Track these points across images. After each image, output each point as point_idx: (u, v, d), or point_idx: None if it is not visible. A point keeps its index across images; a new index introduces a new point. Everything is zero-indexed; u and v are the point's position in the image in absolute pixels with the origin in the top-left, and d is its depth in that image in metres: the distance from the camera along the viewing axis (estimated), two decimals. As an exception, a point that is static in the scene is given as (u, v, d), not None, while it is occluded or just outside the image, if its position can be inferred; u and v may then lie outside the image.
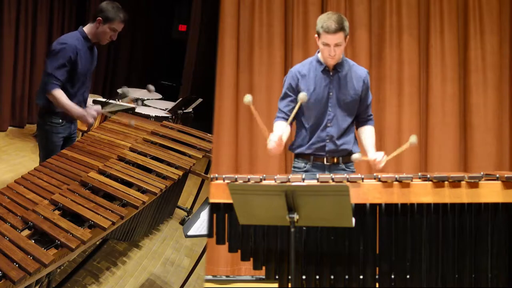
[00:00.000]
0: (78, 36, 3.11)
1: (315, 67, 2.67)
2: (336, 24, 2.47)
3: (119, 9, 3.11)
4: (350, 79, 2.65)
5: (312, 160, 2.70)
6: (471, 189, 2.18)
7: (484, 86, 3.63)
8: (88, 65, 3.18)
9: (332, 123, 2.65)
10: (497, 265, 2.19)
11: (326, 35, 2.49)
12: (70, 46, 3.00)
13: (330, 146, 2.66)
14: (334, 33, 2.47)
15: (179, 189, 4.06)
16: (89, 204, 2.41)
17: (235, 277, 3.63)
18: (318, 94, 2.64)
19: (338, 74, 2.65)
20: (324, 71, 2.65)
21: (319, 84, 2.65)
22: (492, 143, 3.62)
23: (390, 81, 3.68)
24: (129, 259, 3.47)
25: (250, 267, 2.38)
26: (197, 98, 5.30)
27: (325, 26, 2.48)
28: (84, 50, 3.10)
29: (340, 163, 2.68)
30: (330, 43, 2.50)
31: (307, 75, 2.67)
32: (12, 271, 1.80)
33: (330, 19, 2.48)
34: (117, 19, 3.09)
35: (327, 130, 2.66)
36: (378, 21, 3.69)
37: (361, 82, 2.68)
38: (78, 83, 3.13)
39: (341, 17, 2.51)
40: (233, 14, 3.66)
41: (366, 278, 2.24)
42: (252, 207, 1.96)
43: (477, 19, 3.62)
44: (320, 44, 2.55)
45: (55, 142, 3.16)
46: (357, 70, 2.70)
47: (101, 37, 3.14)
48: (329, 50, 2.53)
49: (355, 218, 2.12)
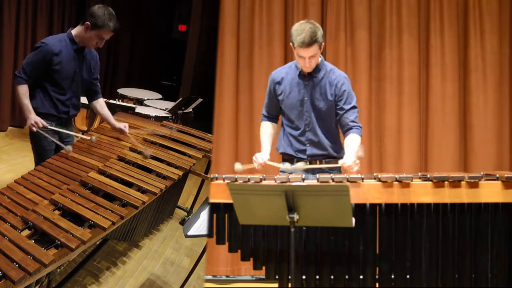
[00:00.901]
0: (63, 38, 3.02)
1: (293, 70, 2.70)
2: (309, 38, 2.45)
3: (111, 17, 2.93)
4: (324, 84, 2.64)
5: (296, 162, 2.70)
6: (471, 189, 2.18)
7: (484, 86, 3.63)
8: (73, 68, 3.06)
9: (309, 127, 2.67)
10: (497, 265, 2.19)
11: (300, 49, 2.49)
12: (47, 46, 2.93)
13: (311, 150, 2.69)
14: (307, 47, 2.47)
15: (179, 189, 4.06)
16: (89, 204, 2.41)
17: (235, 277, 3.63)
18: (293, 98, 2.67)
19: (313, 79, 2.65)
20: (300, 76, 2.67)
21: (294, 88, 2.67)
22: (492, 143, 3.62)
23: (390, 81, 3.68)
24: (129, 259, 3.47)
25: (250, 267, 2.38)
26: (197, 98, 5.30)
27: (299, 40, 2.46)
28: (67, 52, 3.00)
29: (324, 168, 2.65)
30: (305, 56, 2.51)
31: (285, 78, 2.70)
32: (12, 271, 1.80)
33: (303, 32, 2.45)
34: (105, 27, 2.92)
35: (306, 134, 2.68)
36: (378, 21, 3.69)
37: (333, 87, 2.62)
38: (63, 86, 3.04)
39: (314, 28, 2.47)
40: (233, 14, 3.66)
41: (366, 278, 2.24)
42: (252, 207, 1.96)
43: (477, 19, 3.61)
44: (296, 55, 2.55)
45: (45, 147, 3.06)
46: (333, 75, 2.65)
47: (87, 42, 3.03)
48: (304, 62, 2.54)
49: (355, 218, 2.12)
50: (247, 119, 3.68)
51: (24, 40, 5.88)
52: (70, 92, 3.10)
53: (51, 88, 3.02)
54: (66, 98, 3.09)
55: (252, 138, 3.67)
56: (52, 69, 2.96)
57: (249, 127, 3.67)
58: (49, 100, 3.04)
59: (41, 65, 2.94)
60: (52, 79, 3.00)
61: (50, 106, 3.04)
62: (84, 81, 3.21)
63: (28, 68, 2.95)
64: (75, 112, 3.23)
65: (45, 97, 3.03)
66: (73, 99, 3.15)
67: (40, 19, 6.02)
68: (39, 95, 3.02)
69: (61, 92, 3.06)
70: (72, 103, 3.16)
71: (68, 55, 3.01)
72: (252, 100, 3.67)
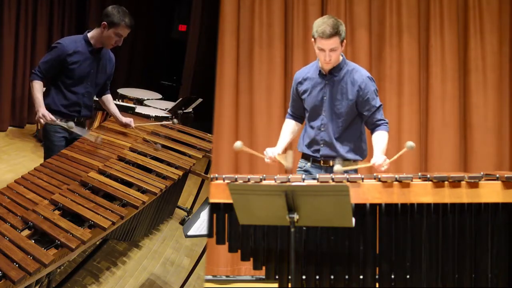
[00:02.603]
0: (78, 39, 3.14)
1: (315, 69, 2.69)
2: (331, 29, 2.44)
3: (125, 14, 3.09)
4: (345, 84, 2.61)
5: (312, 161, 2.73)
6: (471, 189, 2.18)
7: (484, 86, 3.62)
8: (88, 69, 3.16)
9: (324, 127, 2.67)
10: (497, 265, 2.19)
11: (321, 40, 2.47)
12: (62, 46, 3.06)
13: (324, 151, 2.68)
14: (328, 38, 2.45)
15: (179, 189, 4.06)
16: (89, 204, 2.41)
17: (235, 277, 3.63)
18: (313, 98, 2.67)
19: (333, 79, 2.63)
20: (320, 75, 2.66)
21: (315, 87, 2.67)
22: (492, 143, 3.62)
23: (390, 81, 3.68)
24: (129, 259, 3.47)
25: (250, 267, 2.38)
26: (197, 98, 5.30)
27: (320, 30, 2.45)
28: (83, 54, 3.11)
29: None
30: (325, 48, 2.49)
31: (306, 77, 2.69)
32: (12, 271, 1.80)
33: (325, 24, 2.46)
34: (122, 24, 3.07)
35: (321, 134, 2.68)
36: (378, 21, 3.69)
37: (356, 87, 2.59)
38: (76, 86, 3.14)
39: (337, 22, 2.48)
40: (233, 14, 3.66)
41: (366, 278, 2.24)
42: (252, 207, 1.96)
43: (477, 19, 3.61)
44: (316, 48, 2.54)
45: (54, 142, 3.15)
46: (355, 75, 2.62)
47: (105, 42, 3.15)
48: (324, 55, 2.52)
49: (355, 218, 2.12)
50: (247, 119, 3.68)
51: (24, 40, 5.88)
52: (82, 92, 3.20)
53: (64, 87, 3.13)
54: (78, 98, 3.18)
55: (252, 138, 3.67)
56: (67, 68, 3.07)
57: (249, 127, 3.67)
58: (62, 99, 3.14)
59: (55, 64, 3.06)
60: (65, 78, 3.11)
61: (61, 104, 3.14)
62: (98, 83, 3.31)
63: (43, 66, 3.07)
64: (87, 113, 3.30)
65: (57, 96, 3.13)
66: (84, 99, 3.24)
67: (40, 19, 6.02)
68: (52, 93, 3.14)
69: (73, 92, 3.16)
70: (84, 103, 3.24)
71: (83, 56, 3.12)
72: (252, 100, 3.67)
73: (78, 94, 3.18)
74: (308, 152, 2.74)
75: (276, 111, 3.63)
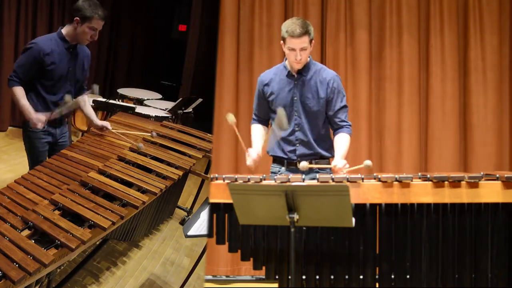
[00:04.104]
0: (53, 37, 2.99)
1: (281, 71, 2.70)
2: (301, 28, 2.47)
3: (97, 6, 2.92)
4: (314, 83, 2.63)
5: (286, 164, 2.72)
6: (471, 189, 2.18)
7: (484, 86, 3.63)
8: (66, 67, 3.02)
9: (299, 127, 2.66)
10: (497, 265, 2.19)
11: (291, 39, 2.50)
12: (37, 46, 2.90)
13: (301, 150, 2.68)
14: (299, 37, 2.48)
15: (179, 189, 4.06)
16: (89, 204, 2.41)
17: (235, 277, 3.63)
18: (282, 99, 2.67)
19: (302, 78, 2.65)
20: (289, 76, 2.67)
21: (283, 89, 2.67)
22: (492, 143, 3.62)
23: (390, 81, 3.68)
24: (129, 259, 3.47)
25: (250, 267, 2.39)
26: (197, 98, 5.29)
27: (290, 30, 2.48)
28: (59, 52, 2.97)
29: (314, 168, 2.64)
30: (296, 47, 2.51)
31: (273, 79, 2.70)
32: (12, 271, 1.80)
33: (294, 24, 2.49)
34: (95, 17, 2.90)
35: (296, 134, 2.68)
36: (378, 21, 3.69)
37: (325, 86, 2.62)
38: (56, 87, 3.02)
39: (306, 22, 2.53)
40: (233, 14, 3.66)
41: (366, 278, 2.24)
42: (252, 207, 1.96)
43: (477, 19, 3.62)
44: (286, 49, 2.56)
45: (38, 148, 3.04)
46: (324, 73, 2.65)
47: (80, 38, 2.99)
48: (295, 55, 2.53)
49: (355, 218, 2.12)
50: (247, 119, 3.66)
51: (24, 40, 5.86)
52: (62, 91, 3.06)
53: (43, 89, 2.99)
54: (58, 98, 3.04)
55: (252, 138, 3.66)
56: (45, 70, 2.93)
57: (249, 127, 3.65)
58: (42, 101, 3.00)
59: (33, 66, 2.91)
60: (44, 80, 2.97)
61: (43, 108, 3.00)
62: (77, 80, 3.17)
63: (20, 70, 2.92)
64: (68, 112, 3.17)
65: (37, 99, 2.99)
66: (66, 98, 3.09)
67: (40, 19, 6.02)
68: (31, 97, 2.99)
69: (53, 92, 3.02)
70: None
71: (60, 54, 2.98)
72: (252, 100, 3.64)
73: (58, 94, 3.03)
74: (281, 154, 2.72)
75: (276, 111, 3.63)
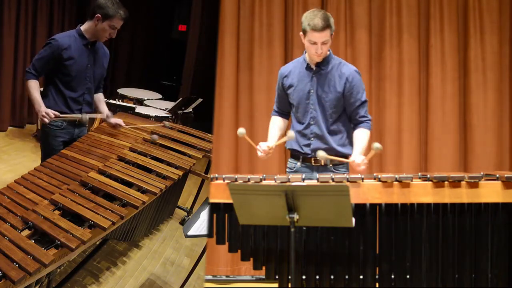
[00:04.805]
0: (72, 34, 3.05)
1: (301, 64, 2.70)
2: (323, 22, 2.46)
3: (119, 5, 3.00)
4: (332, 77, 2.62)
5: (302, 160, 2.71)
6: (471, 189, 2.18)
7: (484, 86, 3.62)
8: (85, 63, 3.08)
9: (314, 121, 2.66)
10: (497, 265, 2.19)
11: (314, 33, 2.48)
12: (56, 42, 2.97)
13: (316, 144, 2.66)
14: (321, 31, 2.47)
15: (179, 189, 4.06)
16: (89, 204, 2.41)
17: (235, 277, 3.63)
18: (300, 91, 2.67)
19: (320, 72, 2.64)
20: (307, 68, 2.66)
21: (301, 81, 2.67)
22: (492, 143, 3.62)
23: (390, 81, 3.67)
24: (129, 259, 3.47)
25: (250, 267, 2.38)
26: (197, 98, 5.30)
27: (312, 24, 2.47)
28: (77, 48, 3.02)
29: (328, 164, 2.65)
30: (317, 41, 2.50)
31: (292, 72, 2.70)
32: (12, 271, 1.80)
33: (316, 17, 2.48)
34: (117, 16, 2.97)
35: (311, 128, 2.67)
36: (378, 21, 3.69)
37: (344, 80, 2.60)
38: (74, 83, 3.06)
39: (327, 14, 2.51)
40: (233, 14, 3.66)
41: (366, 278, 2.24)
42: (252, 207, 1.96)
43: (477, 19, 3.61)
44: (307, 42, 2.55)
45: (53, 146, 3.08)
46: (343, 68, 2.64)
47: (99, 35, 3.05)
48: (316, 48, 2.52)
49: (355, 218, 2.12)
50: (247, 119, 3.67)
51: (24, 40, 5.88)
52: (82, 88, 3.11)
53: (62, 85, 3.04)
54: (78, 95, 3.10)
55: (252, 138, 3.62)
56: (63, 65, 2.99)
57: (249, 127, 3.67)
58: (62, 98, 3.06)
59: (50, 60, 2.98)
60: (63, 75, 3.02)
61: (63, 104, 3.06)
62: (96, 77, 3.22)
63: (37, 63, 2.99)
64: (88, 109, 3.21)
65: (57, 95, 3.05)
66: (85, 95, 3.16)
67: (40, 19, 6.02)
68: (51, 93, 3.05)
69: (73, 89, 3.07)
70: (85, 100, 3.16)
71: (78, 50, 3.03)
72: (252, 100, 3.67)
73: (78, 91, 3.09)
74: (297, 148, 2.71)
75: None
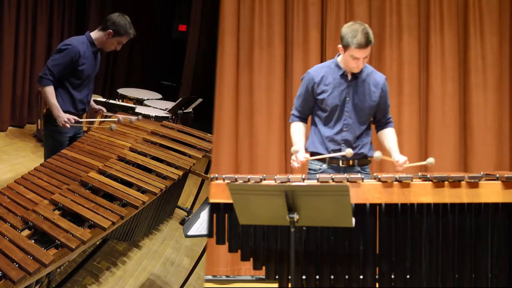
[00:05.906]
0: (84, 40, 3.20)
1: (333, 70, 2.67)
2: (366, 39, 2.46)
3: (131, 25, 3.22)
4: (367, 85, 2.65)
5: (328, 161, 2.69)
6: (471, 189, 2.18)
7: (484, 86, 3.62)
8: (92, 69, 3.27)
9: (348, 127, 2.66)
10: (497, 265, 2.19)
11: (357, 50, 2.48)
12: (74, 48, 3.09)
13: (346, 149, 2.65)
14: (365, 48, 2.48)
15: (179, 189, 4.06)
16: (89, 204, 2.41)
17: (235, 277, 3.63)
18: (335, 98, 2.65)
19: (356, 80, 2.65)
20: (343, 76, 2.65)
21: (336, 88, 2.65)
22: (492, 143, 3.62)
23: (390, 81, 3.63)
24: (129, 259, 3.47)
25: (250, 267, 2.38)
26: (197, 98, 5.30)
27: (356, 42, 2.45)
28: (89, 54, 3.19)
29: (356, 165, 2.68)
30: (360, 57, 2.51)
31: (325, 77, 2.67)
32: (12, 271, 1.80)
33: (360, 34, 2.46)
34: (127, 35, 3.21)
35: (343, 134, 2.66)
36: (378, 21, 3.69)
37: (379, 89, 2.67)
38: (82, 85, 3.23)
39: (368, 29, 2.50)
40: (233, 14, 3.66)
41: (366, 278, 2.24)
42: (252, 207, 1.96)
43: (477, 19, 3.61)
44: (348, 56, 2.53)
45: (62, 142, 3.22)
46: (376, 76, 2.69)
47: (106, 47, 3.26)
48: (357, 63, 2.53)
49: (355, 218, 2.12)
50: (247, 119, 3.67)
51: (24, 40, 5.87)
52: (87, 90, 3.31)
53: (72, 88, 3.19)
54: (83, 96, 3.28)
55: (252, 138, 3.67)
56: (77, 70, 3.13)
57: (249, 127, 3.67)
58: (70, 99, 3.20)
59: (67, 66, 3.10)
60: (74, 79, 3.17)
61: (70, 104, 3.20)
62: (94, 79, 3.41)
63: (55, 69, 3.09)
64: (87, 108, 3.41)
65: (66, 97, 3.18)
66: (88, 96, 3.36)
67: (40, 19, 6.02)
68: (60, 94, 3.17)
69: (80, 90, 3.23)
70: (88, 100, 3.37)
71: (89, 56, 3.21)
72: (252, 100, 3.67)
73: (84, 92, 3.27)
74: (324, 152, 2.68)
75: (276, 111, 3.63)
